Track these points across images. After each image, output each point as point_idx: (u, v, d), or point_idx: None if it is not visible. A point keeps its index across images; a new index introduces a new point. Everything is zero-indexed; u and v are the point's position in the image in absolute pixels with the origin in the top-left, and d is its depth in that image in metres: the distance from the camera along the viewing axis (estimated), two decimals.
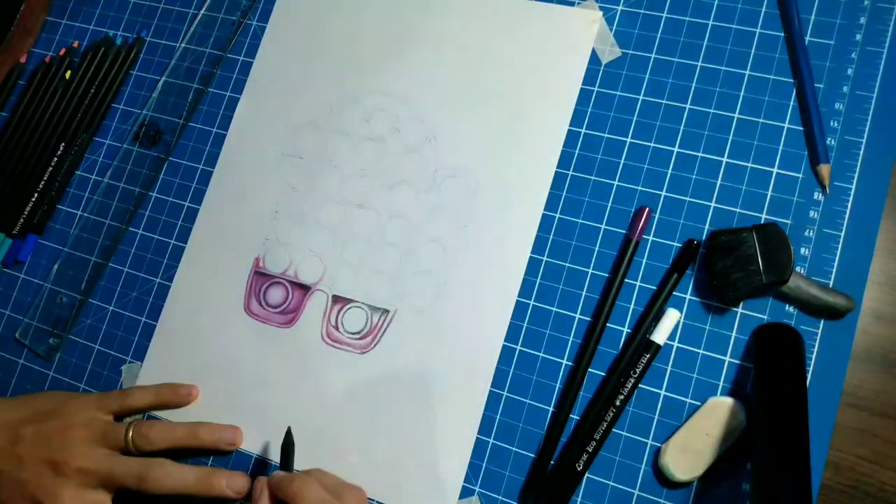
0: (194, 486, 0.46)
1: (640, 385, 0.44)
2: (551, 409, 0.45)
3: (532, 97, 0.50)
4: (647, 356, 0.43)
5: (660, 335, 0.44)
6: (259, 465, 0.49)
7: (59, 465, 0.46)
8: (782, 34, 0.47)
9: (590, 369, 0.45)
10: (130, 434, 0.48)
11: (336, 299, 0.50)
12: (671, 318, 0.44)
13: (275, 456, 0.49)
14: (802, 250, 0.44)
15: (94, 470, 0.46)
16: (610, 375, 0.44)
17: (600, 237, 0.47)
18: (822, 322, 0.43)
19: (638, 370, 0.43)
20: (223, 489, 0.47)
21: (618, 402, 0.43)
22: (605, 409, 0.44)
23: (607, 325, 0.45)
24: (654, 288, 0.45)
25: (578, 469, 0.43)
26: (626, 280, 0.46)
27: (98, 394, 0.52)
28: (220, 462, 0.50)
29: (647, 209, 0.46)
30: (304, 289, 0.51)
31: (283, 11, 0.57)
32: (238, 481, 0.47)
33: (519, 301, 0.47)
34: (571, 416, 0.45)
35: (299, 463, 0.47)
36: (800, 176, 0.45)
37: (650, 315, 0.44)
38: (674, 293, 0.45)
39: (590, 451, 0.43)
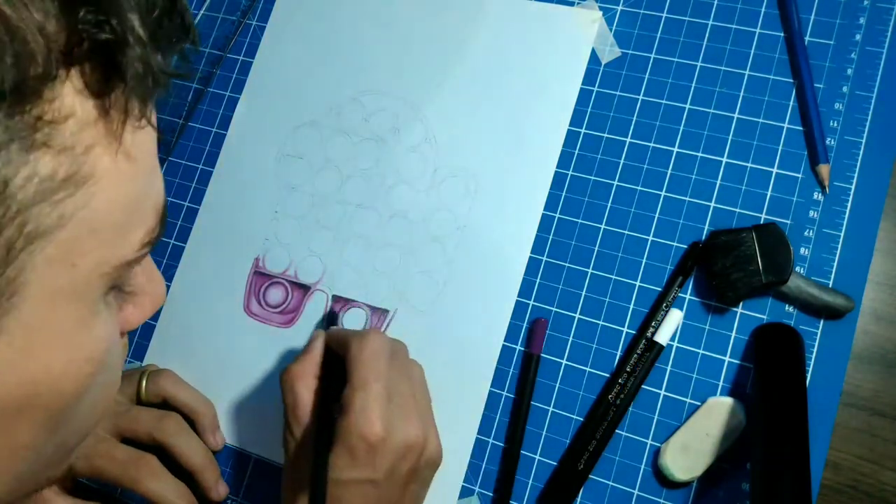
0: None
1: (640, 385, 0.44)
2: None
3: (532, 97, 0.50)
4: (650, 356, 0.43)
5: (663, 336, 0.44)
6: (258, 466, 0.49)
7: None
8: (782, 34, 0.47)
9: (591, 369, 0.45)
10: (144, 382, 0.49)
11: (336, 299, 0.50)
12: (674, 318, 0.44)
13: (274, 456, 0.49)
14: (802, 250, 0.44)
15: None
16: (614, 376, 0.44)
17: (600, 237, 0.47)
18: (821, 322, 0.43)
19: (639, 370, 0.43)
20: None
21: (618, 402, 0.43)
22: (606, 409, 0.44)
23: (606, 324, 0.45)
24: (654, 287, 0.45)
25: (580, 468, 0.43)
26: (625, 280, 0.46)
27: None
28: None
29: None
30: (304, 289, 0.51)
31: (283, 11, 0.57)
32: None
33: (519, 301, 0.47)
34: (575, 416, 0.45)
35: None
36: (800, 176, 0.45)
37: (653, 318, 0.44)
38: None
39: (591, 450, 0.43)
